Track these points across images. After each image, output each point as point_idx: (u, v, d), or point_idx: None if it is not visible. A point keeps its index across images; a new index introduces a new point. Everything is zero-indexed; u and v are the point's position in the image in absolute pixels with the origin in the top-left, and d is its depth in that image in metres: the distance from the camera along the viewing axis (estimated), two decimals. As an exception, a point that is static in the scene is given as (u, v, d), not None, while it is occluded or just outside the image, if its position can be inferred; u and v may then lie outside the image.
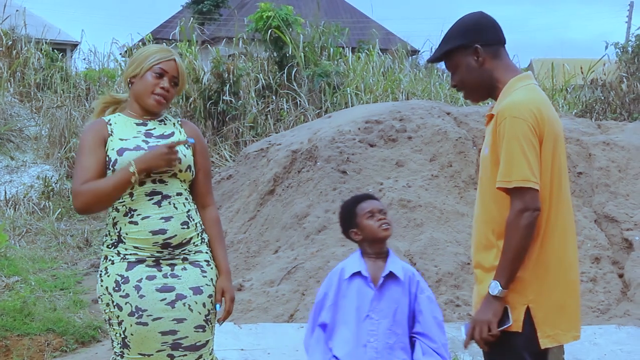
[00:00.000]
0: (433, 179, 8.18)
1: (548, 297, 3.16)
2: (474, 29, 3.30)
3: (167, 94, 3.65)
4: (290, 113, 13.83)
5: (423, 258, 7.16)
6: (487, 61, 3.28)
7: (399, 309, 3.86)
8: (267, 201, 8.54)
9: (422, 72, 16.72)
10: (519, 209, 3.07)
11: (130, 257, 3.56)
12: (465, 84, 3.37)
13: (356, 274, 3.91)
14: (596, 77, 15.71)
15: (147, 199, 3.57)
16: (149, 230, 3.54)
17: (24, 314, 6.86)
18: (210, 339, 3.69)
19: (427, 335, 3.85)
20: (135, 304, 3.53)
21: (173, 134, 3.69)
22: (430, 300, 3.94)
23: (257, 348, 5.99)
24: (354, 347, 3.82)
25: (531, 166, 3.08)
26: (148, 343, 3.56)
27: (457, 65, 3.34)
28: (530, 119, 3.11)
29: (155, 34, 23.44)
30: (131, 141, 3.60)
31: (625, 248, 7.53)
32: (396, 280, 3.89)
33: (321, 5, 17.44)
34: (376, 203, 4.01)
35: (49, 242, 10.11)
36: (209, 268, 3.67)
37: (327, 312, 3.92)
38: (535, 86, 3.28)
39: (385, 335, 3.83)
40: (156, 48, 3.71)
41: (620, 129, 9.28)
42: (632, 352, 6.00)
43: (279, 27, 14.08)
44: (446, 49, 3.34)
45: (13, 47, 15.40)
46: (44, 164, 12.91)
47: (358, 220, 3.95)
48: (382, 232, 3.91)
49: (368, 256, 3.96)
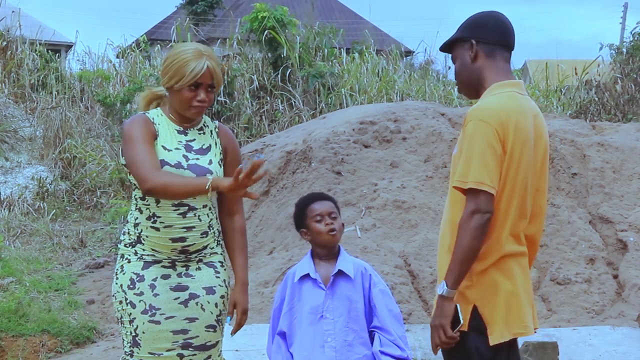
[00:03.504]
0: (427, 180, 8.18)
1: (493, 297, 3.17)
2: (476, 25, 3.32)
3: (205, 103, 3.58)
4: (285, 114, 13.83)
5: (417, 259, 7.17)
6: (479, 58, 3.29)
7: (353, 306, 3.85)
8: (261, 202, 8.54)
9: (416, 73, 16.73)
10: (470, 210, 3.09)
11: (147, 257, 3.59)
12: (458, 77, 3.41)
13: (305, 276, 3.91)
14: (590, 78, 15.73)
15: (173, 209, 3.55)
16: (169, 237, 3.55)
17: (18, 315, 6.85)
18: (220, 339, 3.71)
19: (384, 328, 3.84)
20: (149, 302, 3.55)
21: (210, 148, 3.65)
22: (384, 294, 3.92)
23: (252, 349, 6.00)
24: (312, 348, 3.82)
25: (488, 169, 3.08)
26: (159, 342, 3.58)
27: (455, 57, 3.38)
28: (496, 124, 3.10)
29: (150, 35, 23.42)
30: (173, 154, 3.55)
31: (620, 249, 7.54)
32: (347, 277, 3.87)
33: (315, 6, 17.44)
34: (327, 205, 3.94)
35: (43, 243, 10.09)
36: (222, 269, 3.69)
37: (284, 319, 3.91)
38: (515, 94, 3.25)
39: (343, 333, 3.82)
40: (189, 56, 3.54)
41: (615, 130, 9.30)
42: (627, 353, 6.01)
43: (273, 28, 14.07)
44: (449, 40, 3.39)
45: (8, 48, 15.37)
46: (38, 164, 12.88)
47: (307, 221, 3.92)
48: (328, 238, 3.88)
49: (319, 257, 3.95)
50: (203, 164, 3.59)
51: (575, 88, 15.69)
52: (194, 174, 3.53)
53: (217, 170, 3.60)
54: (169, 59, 3.60)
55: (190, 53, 3.56)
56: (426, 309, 6.69)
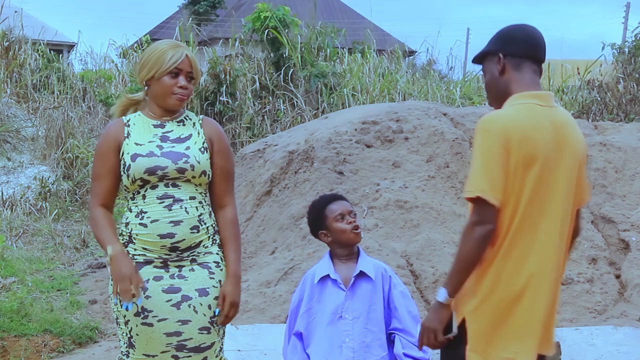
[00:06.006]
0: (430, 180, 8.18)
1: (483, 314, 3.14)
2: (504, 39, 3.31)
3: (186, 91, 3.64)
4: (287, 114, 13.84)
5: (420, 259, 7.16)
6: (507, 72, 3.28)
7: (373, 307, 3.86)
8: (263, 202, 8.54)
9: (418, 73, 16.74)
10: (473, 221, 3.07)
11: (138, 258, 3.57)
12: (487, 89, 3.41)
13: (326, 277, 3.91)
14: (593, 78, 15.71)
15: (158, 202, 3.56)
16: (157, 233, 3.54)
17: (21, 315, 6.85)
18: (217, 340, 3.67)
19: (405, 330, 3.85)
20: (141, 305, 3.53)
21: (190, 136, 3.66)
22: (404, 295, 3.94)
23: (254, 349, 5.99)
24: (330, 348, 3.83)
25: (492, 180, 3.05)
26: (153, 344, 3.57)
27: (485, 70, 3.38)
28: (502, 134, 3.07)
29: (152, 35, 23.45)
30: (145, 147, 3.59)
31: (622, 249, 7.53)
32: (367, 279, 3.88)
33: (317, 6, 17.44)
34: (346, 204, 3.97)
35: (45, 243, 10.10)
36: (217, 269, 3.64)
37: (301, 319, 3.92)
38: (533, 106, 3.20)
39: (361, 334, 3.83)
40: (165, 46, 3.65)
41: (617, 130, 9.29)
42: (629, 352, 6.00)
43: (276, 28, 14.08)
44: (480, 53, 3.39)
45: (10, 48, 15.39)
46: (40, 164, 12.89)
47: (327, 222, 3.93)
48: (353, 236, 3.90)
49: (338, 257, 3.95)
50: (179, 150, 3.60)
51: (577, 88, 15.67)
52: (169, 160, 3.56)
53: (195, 156, 3.59)
54: (145, 54, 3.69)
55: (167, 44, 3.68)
56: (428, 308, 6.68)
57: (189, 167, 3.57)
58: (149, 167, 3.55)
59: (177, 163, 3.57)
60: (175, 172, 3.56)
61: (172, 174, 3.56)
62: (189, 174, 3.58)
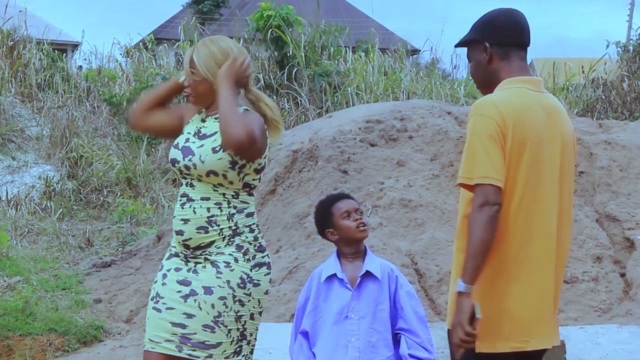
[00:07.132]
0: (434, 179, 8.17)
1: (490, 302, 3.09)
2: (489, 27, 3.29)
3: (189, 88, 3.70)
4: (291, 113, 13.84)
5: (424, 258, 7.16)
6: (494, 60, 3.26)
7: (379, 307, 3.86)
8: (268, 201, 8.54)
9: (422, 72, 16.73)
10: (479, 204, 3.01)
11: (172, 249, 3.73)
12: (474, 77, 3.40)
13: (333, 276, 3.91)
14: (597, 76, 15.70)
15: (179, 199, 3.69)
16: (174, 229, 3.67)
17: (26, 314, 6.87)
18: (225, 341, 3.63)
19: (411, 330, 3.85)
20: (157, 290, 3.69)
21: (213, 134, 3.66)
22: (410, 296, 3.93)
23: (259, 348, 5.96)
24: (335, 348, 3.83)
25: (493, 163, 3.03)
26: (158, 330, 3.64)
27: (471, 57, 3.36)
28: (496, 117, 3.06)
29: (156, 34, 23.46)
30: (182, 137, 3.75)
31: (627, 247, 7.52)
32: (374, 278, 3.88)
33: (320, 5, 17.44)
34: (352, 203, 3.99)
35: (50, 242, 10.11)
36: (226, 270, 3.61)
37: (307, 318, 3.93)
38: (525, 90, 3.20)
39: (367, 334, 3.83)
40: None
41: (622, 128, 9.27)
42: (635, 351, 6.00)
43: (279, 27, 14.08)
44: (464, 40, 3.37)
45: (14, 48, 15.41)
46: (45, 164, 12.91)
47: (334, 220, 3.94)
48: (358, 233, 3.91)
49: (345, 256, 3.96)
50: (192, 147, 3.66)
51: (582, 86, 15.66)
52: (182, 155, 3.66)
53: (201, 155, 3.60)
54: None
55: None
56: (433, 307, 6.68)
57: (192, 165, 3.62)
58: (171, 157, 3.71)
59: (184, 160, 3.65)
60: (184, 168, 3.65)
61: (184, 169, 3.65)
62: (194, 172, 3.62)
